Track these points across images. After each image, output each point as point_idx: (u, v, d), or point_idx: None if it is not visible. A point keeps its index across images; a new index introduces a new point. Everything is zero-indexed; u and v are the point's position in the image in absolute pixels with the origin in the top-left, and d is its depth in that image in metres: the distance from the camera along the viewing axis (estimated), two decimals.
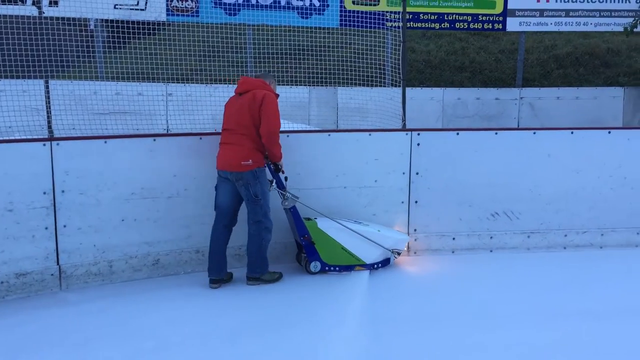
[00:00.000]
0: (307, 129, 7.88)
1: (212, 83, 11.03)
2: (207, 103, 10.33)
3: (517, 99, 13.40)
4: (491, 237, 5.78)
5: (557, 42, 16.76)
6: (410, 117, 11.85)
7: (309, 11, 11.41)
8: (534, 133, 5.80)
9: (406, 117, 8.31)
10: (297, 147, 5.39)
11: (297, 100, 11.44)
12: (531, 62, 15.93)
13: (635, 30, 13.16)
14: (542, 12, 13.21)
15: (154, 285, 4.97)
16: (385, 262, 5.37)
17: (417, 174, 5.64)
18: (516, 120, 13.35)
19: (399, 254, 5.42)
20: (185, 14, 11.05)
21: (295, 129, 7.48)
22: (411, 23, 12.41)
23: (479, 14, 12.84)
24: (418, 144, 5.62)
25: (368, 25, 10.90)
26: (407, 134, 5.64)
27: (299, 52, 10.71)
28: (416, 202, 5.68)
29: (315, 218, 5.28)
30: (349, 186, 5.52)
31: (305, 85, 11.71)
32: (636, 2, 13.28)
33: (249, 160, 4.74)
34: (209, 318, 4.31)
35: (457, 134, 5.69)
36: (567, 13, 13.33)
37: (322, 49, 11.46)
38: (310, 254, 5.15)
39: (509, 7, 13.03)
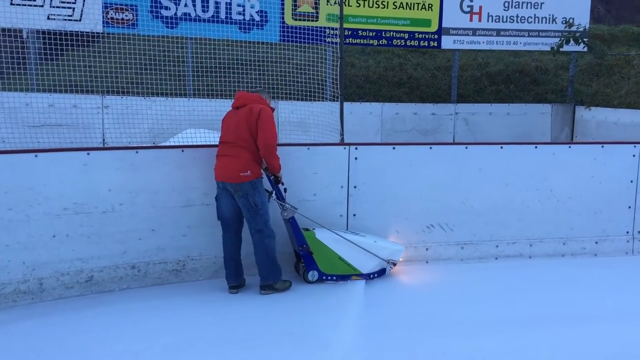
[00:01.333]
0: None
1: (150, 96, 10.89)
2: (145, 115, 10.20)
3: (453, 114, 13.82)
4: (427, 249, 5.93)
5: (489, 60, 17.41)
6: (351, 131, 12.09)
7: (249, 25, 11.44)
8: (466, 148, 6.00)
9: (345, 132, 8.47)
10: None
11: None
12: (465, 79, 16.47)
13: (561, 49, 13.87)
14: (474, 31, 13.72)
15: (88, 302, 4.83)
16: (382, 272, 5.50)
17: (355, 187, 5.74)
18: (452, 134, 13.75)
19: (394, 264, 5.53)
20: (122, 25, 10.85)
21: None
22: (350, 39, 12.64)
23: (415, 32, 13.20)
24: (356, 158, 5.72)
25: (308, 40, 11.04)
26: (345, 148, 5.74)
27: (240, 66, 10.71)
28: (354, 215, 5.77)
29: (314, 229, 5.39)
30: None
31: None
32: (562, 23, 13.99)
33: (247, 172, 4.87)
34: (151, 334, 4.23)
35: (394, 148, 5.83)
36: (498, 32, 13.90)
37: (263, 63, 11.52)
38: (309, 263, 5.29)
39: (443, 25, 13.46)
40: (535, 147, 6.11)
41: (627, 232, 6.27)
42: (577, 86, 15.78)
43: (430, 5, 13.18)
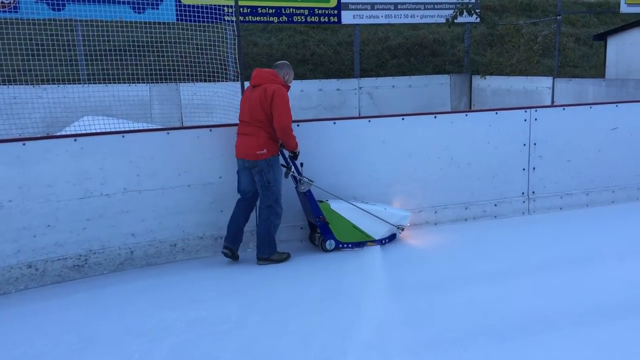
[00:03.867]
0: (148, 127, 7.57)
1: (41, 84, 10.23)
2: (36, 105, 9.57)
3: (357, 89, 14.00)
4: None
5: (389, 34, 17.76)
6: None
7: (142, 5, 10.96)
8: (369, 121, 6.07)
9: None
10: (134, 148, 5.17)
11: (138, 99, 10.99)
12: (368, 54, 16.72)
13: (455, 21, 14.34)
14: (373, 6, 13.91)
15: None
16: (392, 237, 5.79)
17: None
18: (357, 109, 13.95)
19: (402, 229, 5.81)
20: (2, 9, 10.07)
21: (134, 128, 7.19)
22: (250, 17, 12.44)
23: (314, 8, 13.19)
24: None
25: (206, 19, 10.74)
26: None
27: (136, 48, 10.26)
28: None
29: (327, 200, 5.61)
30: (192, 184, 5.41)
31: (145, 82, 11.27)
32: None
33: (263, 150, 5.10)
34: (54, 335, 4.00)
35: (298, 125, 5.78)
36: (396, 6, 14.17)
37: (161, 44, 11.10)
38: (325, 233, 5.53)
39: (342, 0, 13.54)
40: (435, 117, 6.28)
41: (523, 193, 6.62)
42: (473, 56, 16.42)
43: None
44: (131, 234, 5.24)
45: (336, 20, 13.70)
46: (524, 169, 6.57)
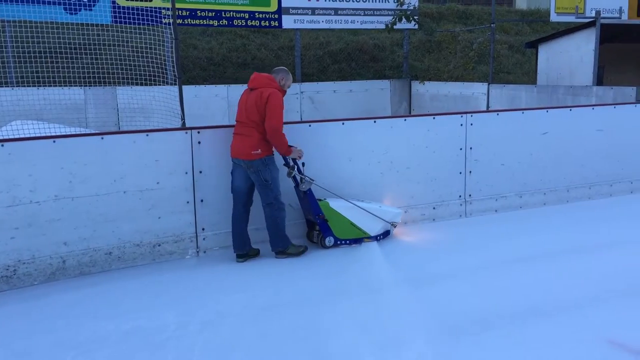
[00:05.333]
0: (82, 132, 7.32)
1: None
2: None
3: (298, 94, 14.01)
4: None
5: (330, 39, 17.88)
6: (196, 115, 11.79)
7: (76, 6, 10.60)
8: (310, 126, 6.08)
9: (189, 116, 8.20)
10: (67, 154, 4.98)
11: (71, 102, 10.65)
12: (309, 58, 16.78)
13: (395, 27, 14.59)
14: (313, 11, 13.97)
15: None
16: (386, 234, 6.01)
17: (200, 172, 5.58)
18: (299, 113, 13.96)
19: (395, 225, 6.04)
20: None
21: (67, 132, 6.94)
22: (189, 20, 12.25)
23: (255, 12, 13.13)
24: (199, 142, 5.56)
25: (144, 21, 10.47)
26: (187, 133, 5.54)
27: (70, 51, 9.93)
28: (202, 201, 5.62)
29: (325, 198, 5.79)
30: (129, 190, 5.26)
31: (80, 85, 10.93)
32: (394, 2, 14.70)
33: (258, 150, 5.25)
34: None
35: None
36: (336, 11, 14.28)
37: (96, 46, 10.79)
38: (325, 230, 5.70)
39: (283, 5, 13.53)
40: (375, 122, 6.35)
41: (460, 197, 6.77)
42: (412, 62, 16.74)
43: None
44: (63, 243, 5.04)
45: (277, 24, 13.68)
46: (460, 173, 6.73)
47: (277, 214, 5.44)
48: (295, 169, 5.50)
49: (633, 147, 7.57)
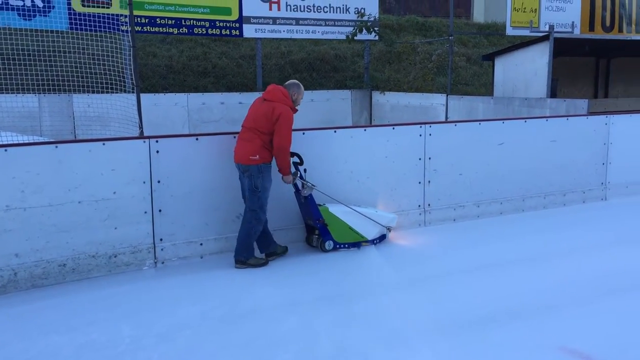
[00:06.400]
0: (35, 140, 7.12)
1: None
2: None
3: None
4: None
5: (292, 49, 17.93)
6: (155, 123, 11.64)
7: (31, 12, 10.35)
8: None
9: (149, 124, 8.09)
10: (18, 163, 4.85)
11: (25, 110, 10.36)
12: (270, 67, 16.77)
13: (355, 38, 14.73)
14: (275, 20, 13.99)
15: None
16: (382, 238, 6.20)
17: (158, 182, 5.49)
18: None
19: (390, 230, 6.23)
20: None
21: (20, 141, 6.74)
22: (148, 27, 12.11)
23: (216, 20, 13.07)
24: (157, 151, 5.47)
25: (102, 28, 10.32)
26: (144, 142, 5.45)
27: (25, 57, 9.68)
28: (160, 210, 5.53)
29: (324, 204, 5.91)
30: (84, 200, 5.14)
31: (35, 92, 10.64)
32: (355, 13, 14.85)
33: (256, 156, 5.37)
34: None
35: (197, 139, 5.68)
36: (298, 22, 14.33)
37: (52, 53, 10.53)
38: (324, 234, 5.87)
39: (244, 14, 13.51)
40: (335, 132, 6.38)
41: (419, 206, 6.85)
42: (372, 72, 16.90)
43: None
44: (15, 254, 4.88)
45: (238, 33, 13.64)
46: (420, 182, 6.80)
47: (254, 225, 5.46)
48: (298, 175, 5.71)
49: (584, 158, 7.80)
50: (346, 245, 6.00)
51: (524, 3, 13.88)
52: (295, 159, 5.77)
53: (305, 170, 5.83)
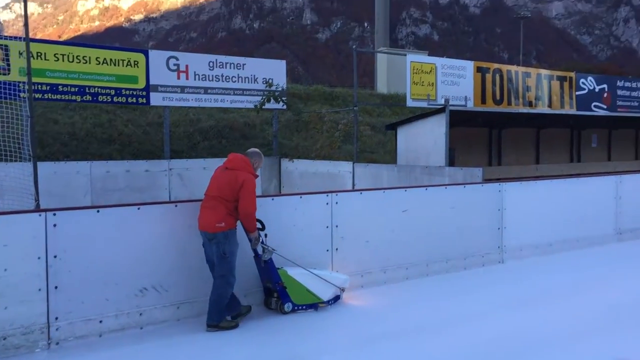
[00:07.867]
0: None
1: None
2: None
3: (167, 170, 13.77)
4: (140, 314, 5.65)
5: (200, 117, 17.98)
6: (54, 193, 11.16)
7: None
8: (176, 206, 5.96)
9: (46, 195, 7.73)
10: None
11: None
12: (178, 135, 16.68)
13: (264, 107, 15.01)
14: (182, 89, 14.02)
15: None
16: (337, 299, 6.42)
17: (55, 257, 5.22)
18: (167, 190, 13.66)
19: (343, 290, 6.48)
20: None
21: None
22: (49, 95, 11.76)
23: (122, 88, 12.92)
24: (55, 225, 5.23)
25: (1, 96, 9.89)
26: (40, 215, 5.20)
27: None
28: (56, 287, 5.22)
29: (282, 267, 6.12)
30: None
31: None
32: (263, 83, 15.19)
33: (222, 223, 5.56)
34: None
35: (98, 211, 5.48)
36: (206, 90, 14.45)
37: None
38: (283, 296, 6.04)
39: (151, 82, 13.47)
40: None
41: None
42: (281, 140, 17.21)
43: (136, 62, 13.10)
44: None
45: (145, 101, 13.52)
46: (327, 250, 6.88)
47: (224, 289, 5.61)
48: (261, 239, 5.88)
49: (481, 223, 8.24)
50: (304, 307, 6.16)
51: (422, 77, 14.78)
52: (258, 225, 5.90)
53: (266, 236, 6.02)
